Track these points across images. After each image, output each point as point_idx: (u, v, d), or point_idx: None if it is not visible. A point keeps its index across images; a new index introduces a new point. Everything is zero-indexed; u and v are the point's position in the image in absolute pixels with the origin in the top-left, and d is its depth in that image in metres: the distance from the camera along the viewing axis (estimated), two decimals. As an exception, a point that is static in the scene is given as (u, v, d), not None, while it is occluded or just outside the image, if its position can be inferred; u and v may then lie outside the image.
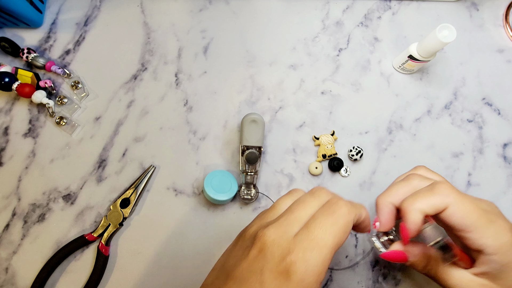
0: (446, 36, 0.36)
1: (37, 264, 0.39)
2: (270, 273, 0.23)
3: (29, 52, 0.43)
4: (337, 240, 0.24)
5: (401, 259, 0.31)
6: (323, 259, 0.23)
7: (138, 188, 0.40)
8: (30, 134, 0.43)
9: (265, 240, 0.24)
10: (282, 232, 0.24)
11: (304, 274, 0.23)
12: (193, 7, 0.47)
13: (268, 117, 0.43)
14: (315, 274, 0.23)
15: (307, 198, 0.27)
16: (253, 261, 0.24)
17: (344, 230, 0.25)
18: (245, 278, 0.24)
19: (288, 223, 0.25)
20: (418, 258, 0.31)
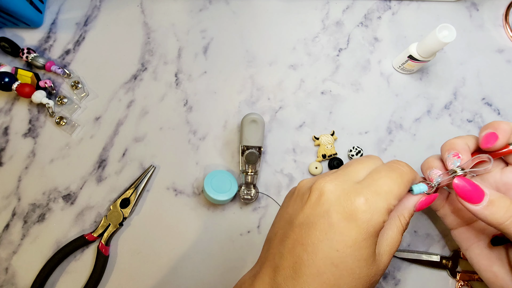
0: (446, 36, 0.36)
1: (37, 264, 0.39)
2: (337, 214, 0.23)
3: (29, 52, 0.43)
4: (401, 191, 0.25)
5: (477, 193, 0.26)
6: (388, 204, 0.24)
7: (138, 188, 0.40)
8: (30, 134, 0.43)
9: (326, 185, 0.24)
10: (344, 180, 0.25)
11: (372, 215, 0.23)
12: (193, 7, 0.47)
13: (268, 117, 0.43)
14: (381, 216, 0.23)
15: (364, 158, 0.28)
16: (316, 205, 0.24)
17: (407, 185, 0.25)
18: (312, 222, 0.24)
19: (347, 173, 0.26)
20: (498, 195, 0.26)
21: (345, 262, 0.22)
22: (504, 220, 0.25)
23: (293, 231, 0.24)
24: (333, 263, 0.22)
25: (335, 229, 0.23)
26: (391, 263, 0.40)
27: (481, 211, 0.26)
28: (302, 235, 0.24)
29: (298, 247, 0.24)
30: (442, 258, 0.39)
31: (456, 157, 0.29)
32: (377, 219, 0.23)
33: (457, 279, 0.39)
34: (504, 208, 0.25)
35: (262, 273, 0.25)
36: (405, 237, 0.40)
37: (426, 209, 0.41)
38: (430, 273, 0.40)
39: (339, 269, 0.22)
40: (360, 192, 0.24)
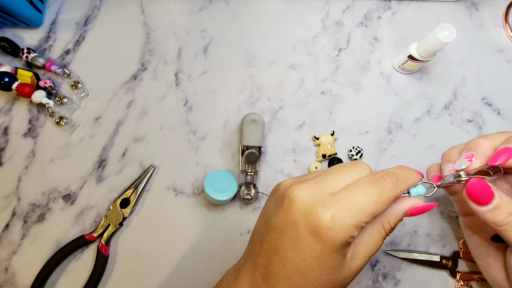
0: (446, 36, 0.36)
1: (37, 264, 0.39)
2: (304, 226, 0.23)
3: (29, 52, 0.43)
4: (376, 209, 0.24)
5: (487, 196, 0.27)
6: (357, 221, 0.23)
7: (138, 188, 0.40)
8: (30, 134, 0.42)
9: (298, 193, 0.24)
10: (317, 190, 0.25)
11: (336, 232, 0.23)
12: (193, 7, 0.47)
13: (268, 117, 0.43)
14: (347, 233, 0.23)
15: (348, 165, 0.27)
16: (287, 212, 0.25)
17: (386, 203, 0.24)
18: (283, 228, 0.24)
19: (324, 182, 0.25)
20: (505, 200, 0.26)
21: (312, 270, 0.23)
22: (503, 224, 0.26)
23: (268, 233, 0.26)
24: (300, 270, 0.24)
25: (302, 240, 0.23)
26: (391, 263, 0.40)
27: (484, 213, 0.26)
28: (275, 239, 0.25)
29: (271, 250, 0.25)
30: (442, 258, 0.39)
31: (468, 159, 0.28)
32: (343, 236, 0.23)
33: (457, 279, 0.39)
34: (506, 214, 0.26)
35: (245, 267, 0.27)
36: (405, 237, 0.40)
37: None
38: (430, 273, 0.40)
39: (306, 276, 0.24)
40: (328, 207, 0.23)
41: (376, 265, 0.40)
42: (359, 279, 0.39)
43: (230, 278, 0.28)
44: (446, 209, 0.41)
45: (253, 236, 0.28)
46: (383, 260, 0.40)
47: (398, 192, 0.25)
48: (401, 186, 0.25)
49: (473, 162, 0.28)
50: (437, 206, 0.41)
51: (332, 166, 0.30)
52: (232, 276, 0.27)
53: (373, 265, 0.40)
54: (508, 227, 0.26)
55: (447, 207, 0.41)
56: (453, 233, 0.41)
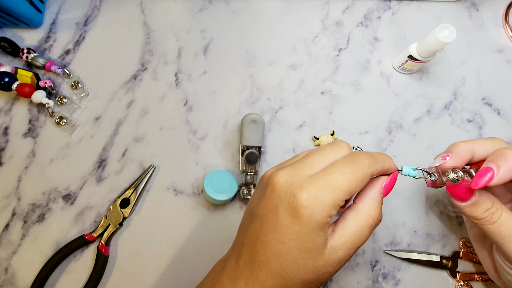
0: (446, 36, 0.36)
1: (37, 264, 0.39)
2: (283, 209, 0.24)
3: (29, 52, 0.43)
4: (352, 187, 0.25)
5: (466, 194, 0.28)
6: (334, 199, 0.24)
7: (138, 188, 0.40)
8: (30, 134, 0.43)
9: (278, 180, 0.26)
10: (295, 174, 0.25)
11: (313, 211, 0.24)
12: (193, 7, 0.47)
13: (268, 117, 0.43)
14: (324, 212, 0.24)
15: (326, 147, 0.27)
16: (269, 199, 0.26)
17: (361, 180, 0.25)
18: (265, 215, 0.26)
19: (302, 166, 0.26)
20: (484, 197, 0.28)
21: (290, 253, 0.24)
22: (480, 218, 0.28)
23: (251, 222, 0.27)
24: (279, 253, 0.24)
25: (281, 223, 0.24)
26: (391, 263, 0.40)
27: (464, 208, 0.29)
28: (257, 226, 0.26)
29: (254, 238, 0.26)
30: (442, 258, 0.39)
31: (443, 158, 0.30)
32: (320, 215, 0.24)
33: (457, 279, 0.39)
34: (483, 209, 0.28)
35: (231, 257, 0.28)
36: (405, 237, 0.40)
37: (429, 207, 0.41)
38: (430, 273, 0.40)
39: (284, 259, 0.24)
40: (304, 187, 0.24)
41: (376, 265, 0.40)
42: (359, 279, 0.39)
43: (217, 270, 0.29)
44: (446, 209, 0.41)
45: (239, 229, 0.30)
46: (383, 260, 0.40)
47: (373, 170, 0.26)
48: (376, 165, 0.26)
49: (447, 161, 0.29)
50: (435, 204, 0.41)
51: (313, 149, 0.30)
52: (219, 268, 0.28)
53: (373, 265, 0.40)
54: (484, 221, 0.27)
55: (447, 207, 0.41)
56: (453, 233, 0.41)
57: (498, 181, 0.25)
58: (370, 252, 0.40)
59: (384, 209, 0.41)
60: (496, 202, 0.28)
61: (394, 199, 0.41)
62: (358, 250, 0.40)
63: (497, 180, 0.25)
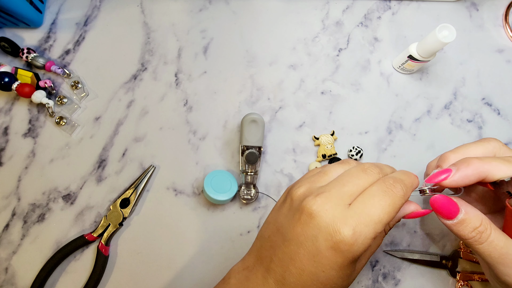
0: (446, 36, 0.36)
1: (37, 264, 0.39)
2: (324, 242, 0.24)
3: (29, 52, 0.43)
4: (390, 219, 0.25)
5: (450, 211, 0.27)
6: (375, 233, 0.24)
7: (138, 188, 0.40)
8: (30, 134, 0.42)
9: (317, 208, 0.25)
10: (335, 204, 0.25)
11: (357, 246, 0.24)
12: (193, 7, 0.47)
13: (268, 117, 0.43)
14: (366, 246, 0.24)
15: (360, 173, 0.27)
16: (305, 226, 0.25)
17: (397, 211, 0.25)
18: (301, 242, 0.25)
19: (339, 195, 0.26)
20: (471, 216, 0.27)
21: (330, 280, 0.25)
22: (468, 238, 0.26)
23: (283, 244, 0.26)
24: (318, 281, 0.25)
25: (322, 255, 0.24)
26: (391, 263, 0.40)
27: (450, 226, 0.27)
28: (291, 250, 0.25)
29: (287, 260, 0.25)
30: (442, 258, 0.39)
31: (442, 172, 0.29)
32: (363, 248, 0.24)
33: (457, 279, 0.39)
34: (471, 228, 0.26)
35: (256, 270, 0.27)
36: (405, 237, 0.40)
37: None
38: (430, 273, 0.40)
39: (323, 285, 0.25)
40: (348, 222, 0.24)
41: (376, 265, 0.40)
42: (359, 279, 0.39)
43: (239, 278, 0.28)
44: (446, 209, 0.41)
45: (262, 240, 0.29)
46: (383, 260, 0.40)
47: (407, 199, 0.26)
48: (408, 193, 0.26)
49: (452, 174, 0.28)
50: None
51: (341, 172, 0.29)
52: (242, 276, 0.28)
53: (373, 265, 0.40)
54: (473, 241, 0.26)
55: (447, 207, 0.41)
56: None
57: (451, 183, 0.27)
58: (370, 252, 0.40)
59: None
60: (484, 220, 0.26)
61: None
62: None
63: (450, 181, 0.27)
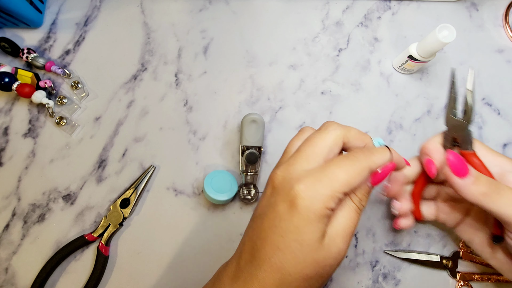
0: (446, 36, 0.36)
1: (37, 264, 0.39)
2: (282, 203, 0.25)
3: (29, 52, 0.43)
4: (351, 179, 0.24)
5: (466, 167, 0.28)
6: (332, 190, 0.24)
7: (138, 188, 0.40)
8: (30, 134, 0.43)
9: (275, 177, 0.26)
10: (292, 169, 0.26)
11: (311, 201, 0.24)
12: (193, 7, 0.47)
13: (268, 117, 0.43)
14: (322, 202, 0.24)
15: (316, 136, 0.27)
16: (269, 197, 0.26)
17: (359, 173, 0.25)
18: (264, 212, 0.26)
19: (296, 161, 0.26)
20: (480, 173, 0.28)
21: (289, 246, 0.24)
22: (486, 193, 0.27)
23: (253, 221, 0.28)
24: (278, 248, 0.24)
25: (280, 217, 0.24)
26: (391, 263, 0.40)
27: (469, 186, 0.27)
28: (258, 224, 0.26)
29: (254, 236, 0.26)
30: (442, 258, 0.39)
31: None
32: (318, 205, 0.24)
33: (457, 279, 0.39)
34: (486, 182, 0.27)
35: (233, 259, 0.28)
36: (405, 237, 0.40)
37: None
38: (430, 273, 0.40)
39: (283, 253, 0.24)
40: (301, 179, 0.24)
41: (376, 265, 0.40)
42: (359, 279, 0.39)
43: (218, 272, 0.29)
44: (446, 209, 0.41)
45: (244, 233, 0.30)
46: (383, 260, 0.40)
47: (371, 163, 0.25)
48: (374, 158, 0.26)
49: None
50: None
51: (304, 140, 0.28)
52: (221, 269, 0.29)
53: (373, 265, 0.40)
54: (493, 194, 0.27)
55: (447, 207, 0.41)
56: (453, 233, 0.40)
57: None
58: (370, 252, 0.40)
59: (384, 209, 0.41)
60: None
61: (394, 199, 0.41)
62: (358, 250, 0.40)
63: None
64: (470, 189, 0.27)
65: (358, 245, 0.40)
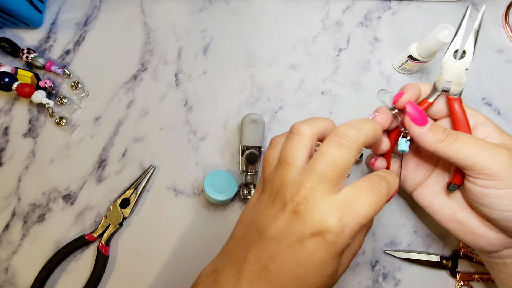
0: (446, 36, 0.36)
1: (37, 264, 0.39)
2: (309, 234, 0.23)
3: (29, 52, 0.43)
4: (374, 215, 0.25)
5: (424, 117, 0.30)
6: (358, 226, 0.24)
7: (138, 188, 0.40)
8: (30, 134, 0.43)
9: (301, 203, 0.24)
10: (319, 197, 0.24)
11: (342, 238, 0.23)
12: (193, 7, 0.47)
13: (268, 117, 0.43)
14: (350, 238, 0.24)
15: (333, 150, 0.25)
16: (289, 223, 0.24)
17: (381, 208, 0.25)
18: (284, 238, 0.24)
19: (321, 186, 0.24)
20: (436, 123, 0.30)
21: (310, 277, 0.23)
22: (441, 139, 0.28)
23: (262, 242, 0.24)
24: (298, 278, 0.23)
25: (304, 248, 0.23)
26: (391, 263, 0.40)
27: (426, 133, 0.29)
28: (271, 248, 0.24)
29: (265, 257, 0.24)
30: (442, 258, 0.39)
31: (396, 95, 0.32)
32: (347, 242, 0.23)
33: (457, 279, 0.39)
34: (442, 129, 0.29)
35: (226, 272, 0.26)
36: (405, 237, 0.40)
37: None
38: (430, 273, 0.40)
39: (303, 283, 0.23)
40: (335, 213, 0.23)
41: (376, 265, 0.40)
42: (359, 279, 0.39)
43: (206, 282, 0.27)
44: (446, 209, 0.41)
45: (235, 240, 0.28)
46: (383, 260, 0.40)
47: (389, 197, 0.26)
48: (391, 192, 0.26)
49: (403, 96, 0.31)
50: None
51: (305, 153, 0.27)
52: (210, 280, 0.26)
53: (373, 265, 0.40)
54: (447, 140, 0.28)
55: (447, 207, 0.41)
56: (453, 233, 0.41)
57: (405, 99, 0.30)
58: (370, 252, 0.40)
59: (384, 209, 0.41)
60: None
61: (394, 200, 0.41)
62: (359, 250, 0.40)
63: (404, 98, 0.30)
64: (427, 136, 0.29)
65: (358, 245, 0.40)
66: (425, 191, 0.34)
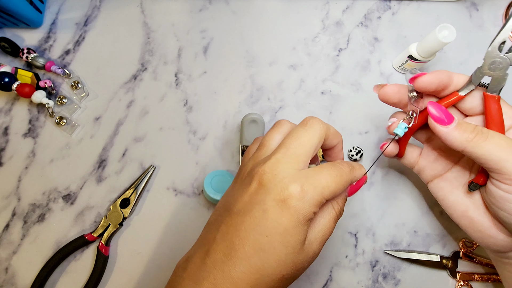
0: (446, 36, 0.36)
1: (37, 264, 0.39)
2: (272, 202, 0.24)
3: (29, 52, 0.43)
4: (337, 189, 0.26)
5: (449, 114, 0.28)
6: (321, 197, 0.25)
7: (138, 188, 0.40)
8: (30, 134, 0.43)
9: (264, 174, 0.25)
10: (283, 168, 0.25)
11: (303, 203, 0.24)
12: (193, 7, 0.47)
13: (268, 117, 0.43)
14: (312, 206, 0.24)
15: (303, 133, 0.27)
16: (254, 194, 0.25)
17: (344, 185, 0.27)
18: (248, 210, 0.25)
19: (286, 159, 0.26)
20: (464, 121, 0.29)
21: (273, 247, 0.24)
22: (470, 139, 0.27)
23: (230, 217, 0.25)
24: (261, 248, 0.24)
25: (267, 216, 0.24)
26: (391, 263, 0.40)
27: (452, 132, 0.27)
28: (237, 221, 0.25)
29: (231, 233, 0.25)
30: (442, 258, 0.39)
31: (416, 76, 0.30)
32: (308, 209, 0.24)
33: (457, 279, 0.39)
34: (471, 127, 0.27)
35: (195, 256, 0.26)
36: (405, 237, 0.40)
37: (429, 207, 0.41)
38: (430, 273, 0.40)
39: (266, 254, 0.24)
40: (296, 181, 0.24)
41: (376, 265, 0.40)
42: (359, 279, 0.39)
43: (177, 272, 0.27)
44: (446, 209, 0.41)
45: (207, 227, 0.28)
46: (383, 260, 0.40)
47: (352, 177, 0.27)
48: (355, 173, 0.28)
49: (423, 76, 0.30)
50: (435, 204, 0.41)
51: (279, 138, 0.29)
52: (181, 269, 0.27)
53: (373, 265, 0.40)
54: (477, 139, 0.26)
55: (447, 207, 0.41)
56: (453, 233, 0.41)
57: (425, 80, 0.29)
58: (370, 252, 0.40)
59: (385, 209, 0.41)
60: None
61: (394, 199, 0.41)
62: (358, 250, 0.40)
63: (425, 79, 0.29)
64: (454, 134, 0.27)
65: (358, 245, 0.40)
66: (442, 184, 0.34)
